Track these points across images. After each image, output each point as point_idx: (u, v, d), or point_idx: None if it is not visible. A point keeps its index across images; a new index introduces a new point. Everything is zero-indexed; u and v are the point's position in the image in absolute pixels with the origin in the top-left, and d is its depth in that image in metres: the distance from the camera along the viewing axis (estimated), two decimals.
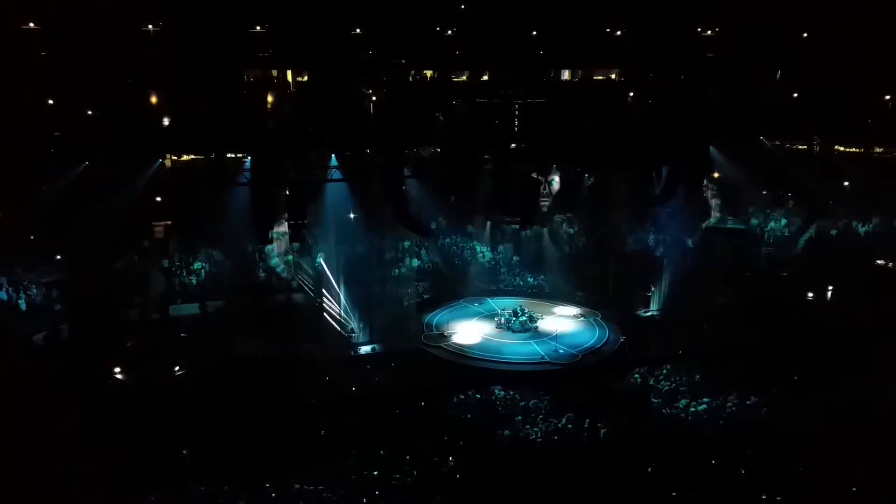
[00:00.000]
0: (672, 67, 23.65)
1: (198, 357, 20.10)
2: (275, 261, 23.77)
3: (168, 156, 23.18)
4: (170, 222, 24.03)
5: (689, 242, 25.63)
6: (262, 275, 24.24)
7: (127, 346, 20.38)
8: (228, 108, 21.60)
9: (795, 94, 26.14)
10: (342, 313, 22.98)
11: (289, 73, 24.98)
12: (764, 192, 28.54)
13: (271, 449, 15.53)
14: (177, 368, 19.81)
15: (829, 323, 22.45)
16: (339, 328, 22.75)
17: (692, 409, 17.75)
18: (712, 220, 27.20)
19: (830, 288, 25.05)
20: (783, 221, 28.39)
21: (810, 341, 20.65)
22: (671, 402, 18.17)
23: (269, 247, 23.13)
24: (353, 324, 22.75)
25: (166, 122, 22.64)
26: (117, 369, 19.22)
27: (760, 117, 23.93)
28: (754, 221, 28.82)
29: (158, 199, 23.43)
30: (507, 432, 16.92)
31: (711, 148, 24.44)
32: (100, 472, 13.80)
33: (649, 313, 25.18)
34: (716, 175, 24.44)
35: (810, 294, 25.09)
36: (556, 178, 24.19)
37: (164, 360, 19.82)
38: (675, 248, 25.22)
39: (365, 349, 22.05)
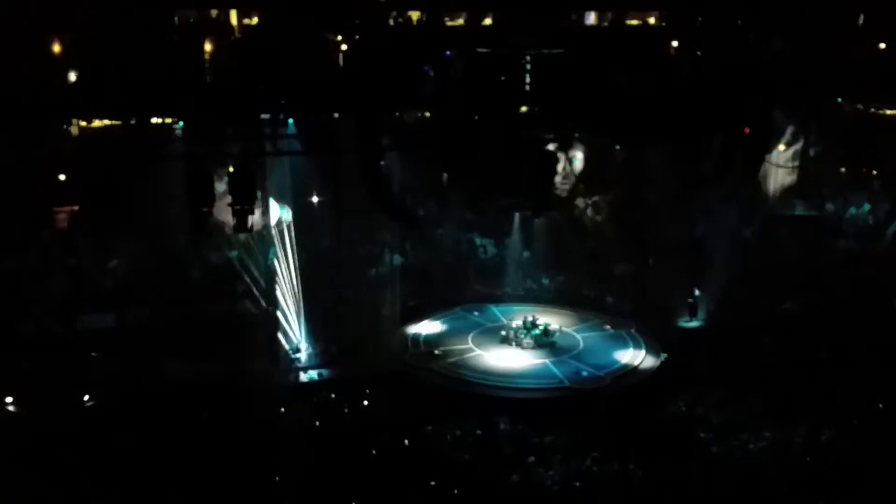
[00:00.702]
0: (727, 10, 23.55)
1: (113, 382, 20.02)
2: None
3: (75, 121, 22.83)
4: (77, 207, 23.68)
5: (748, 233, 25.76)
6: (197, 275, 24.09)
7: (21, 368, 20.22)
8: (154, 60, 21.27)
9: (883, 45, 26.18)
10: (295, 326, 22.95)
11: (233, 13, 24.79)
12: (842, 170, 28.66)
13: (209, 499, 15.51)
14: (86, 398, 19.77)
15: None
16: (287, 345, 22.86)
17: (751, 447, 17.87)
18: (777, 205, 27.33)
19: None
20: (867, 207, 28.64)
21: None
22: (724, 438, 18.26)
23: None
24: (299, 341, 22.73)
25: (73, 77, 22.31)
26: (9, 399, 19.19)
27: (838, 73, 23.93)
28: (830, 207, 29.01)
29: (62, 177, 23.20)
30: (515, 477, 16.97)
31: (776, 112, 24.48)
32: None
33: (695, 323, 25.29)
34: (781, 147, 24.55)
35: None
36: (580, 154, 24.15)
37: (69, 386, 19.72)
38: (728, 240, 25.19)
39: (311, 374, 22.15)
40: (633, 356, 23.44)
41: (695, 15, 24.30)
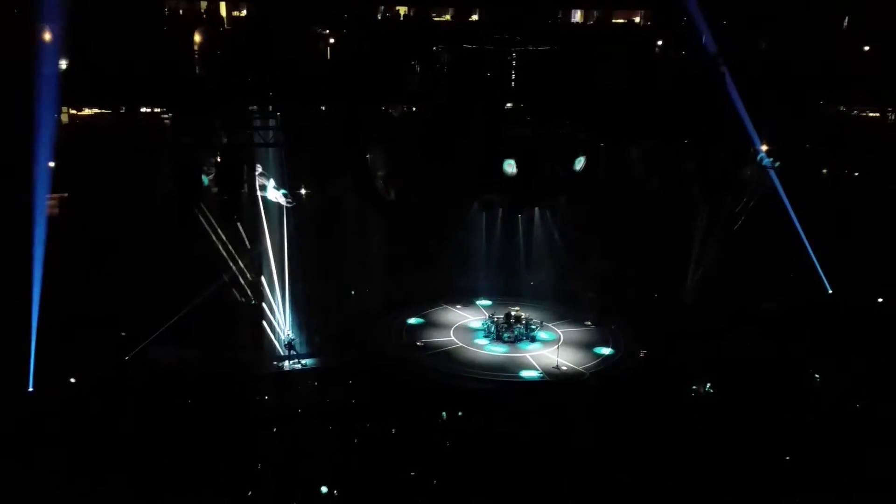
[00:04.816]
0: (711, 10, 23.62)
1: (97, 364, 20.15)
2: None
3: (65, 109, 22.82)
4: (66, 194, 23.72)
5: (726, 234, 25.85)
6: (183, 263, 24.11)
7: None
8: (144, 50, 21.34)
9: (867, 48, 26.25)
10: (281, 316, 23.12)
11: (222, 5, 24.79)
12: (823, 171, 28.70)
13: (189, 488, 15.53)
14: (72, 380, 19.92)
15: None
16: (273, 335, 22.98)
17: None
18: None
19: None
20: None
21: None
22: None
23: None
24: (290, 336, 22.94)
25: (63, 65, 22.36)
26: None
27: (821, 75, 24.00)
28: None
29: (51, 164, 23.22)
30: (495, 466, 17.00)
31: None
32: None
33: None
34: (764, 148, 24.59)
35: (880, 299, 25.42)
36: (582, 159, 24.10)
37: (53, 366, 19.70)
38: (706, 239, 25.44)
39: (295, 363, 22.26)
40: (612, 351, 23.70)
41: (680, 15, 24.31)
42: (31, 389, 19.34)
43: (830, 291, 25.91)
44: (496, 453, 17.55)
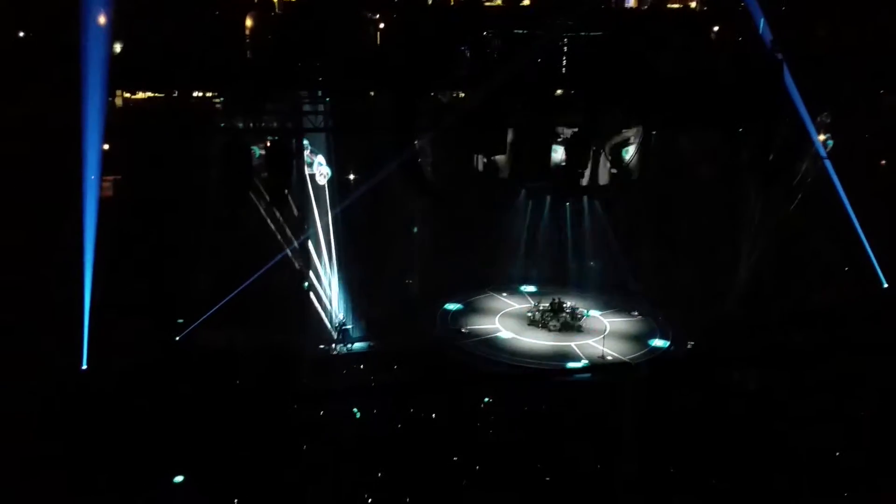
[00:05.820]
0: None
1: (142, 346, 20.31)
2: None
3: (119, 93, 23.08)
4: (120, 177, 24.01)
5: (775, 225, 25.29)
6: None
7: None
8: (195, 35, 21.42)
9: None
10: (331, 299, 23.13)
11: None
12: (882, 163, 27.88)
13: (233, 471, 15.64)
14: (125, 360, 19.97)
15: None
16: (325, 318, 23.00)
17: None
18: None
19: None
20: None
21: None
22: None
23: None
24: (342, 321, 22.93)
25: (118, 48, 22.58)
26: None
27: (883, 65, 23.23)
28: None
29: (106, 146, 23.52)
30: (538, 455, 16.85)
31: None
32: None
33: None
34: (821, 138, 23.93)
35: None
36: (631, 149, 23.71)
37: (98, 349, 19.91)
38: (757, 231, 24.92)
39: (340, 347, 22.26)
40: (660, 342, 23.36)
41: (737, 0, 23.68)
42: (84, 368, 19.71)
43: (886, 286, 25.27)
44: (538, 439, 17.53)
